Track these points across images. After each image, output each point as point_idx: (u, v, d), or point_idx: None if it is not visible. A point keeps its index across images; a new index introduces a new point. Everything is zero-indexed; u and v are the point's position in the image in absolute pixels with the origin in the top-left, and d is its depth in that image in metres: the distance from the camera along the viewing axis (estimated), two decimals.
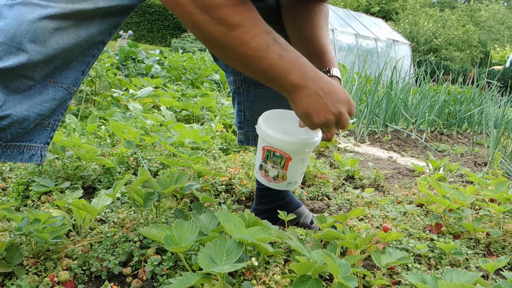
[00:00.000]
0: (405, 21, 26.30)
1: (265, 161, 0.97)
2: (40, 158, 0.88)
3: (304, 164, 0.99)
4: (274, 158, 0.95)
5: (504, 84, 7.08)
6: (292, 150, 0.92)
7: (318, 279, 0.76)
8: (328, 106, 0.83)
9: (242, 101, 1.23)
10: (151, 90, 3.23)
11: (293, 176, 0.98)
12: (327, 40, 1.07)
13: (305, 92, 0.82)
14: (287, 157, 0.93)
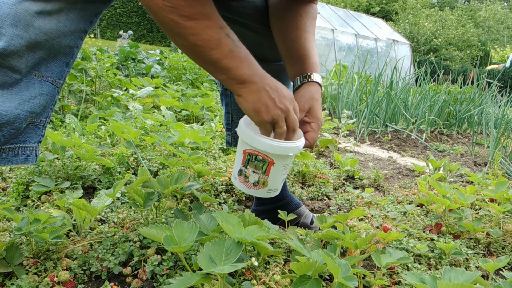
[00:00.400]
0: (405, 21, 26.30)
1: (246, 165, 0.92)
2: (35, 158, 0.88)
3: (286, 170, 0.95)
4: (256, 162, 0.90)
5: (504, 84, 7.08)
6: (276, 153, 0.88)
7: (318, 279, 0.77)
8: (276, 101, 0.84)
9: (230, 103, 1.23)
10: (151, 90, 3.23)
11: (274, 182, 0.94)
12: (311, 44, 1.04)
13: (254, 87, 0.83)
14: (269, 161, 0.89)
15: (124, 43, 7.33)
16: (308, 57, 1.02)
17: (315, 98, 0.97)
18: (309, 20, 1.07)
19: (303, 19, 1.05)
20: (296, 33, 1.04)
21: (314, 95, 0.97)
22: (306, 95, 0.97)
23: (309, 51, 1.03)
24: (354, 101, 3.63)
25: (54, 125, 2.37)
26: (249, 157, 0.91)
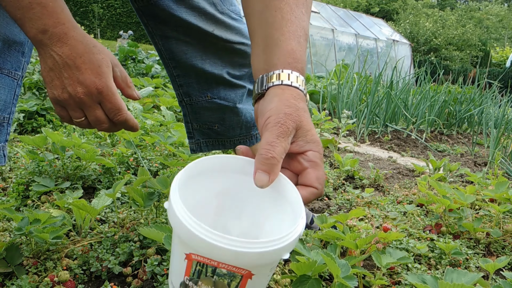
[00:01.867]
0: (405, 21, 26.31)
1: (194, 279, 0.53)
2: (3, 158, 0.83)
3: (273, 271, 0.58)
4: (216, 277, 0.51)
5: (504, 84, 7.09)
6: (259, 264, 0.50)
7: (318, 279, 0.76)
8: (64, 80, 0.66)
9: (187, 113, 1.16)
10: (151, 90, 3.23)
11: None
12: (287, 21, 0.65)
13: (46, 51, 0.65)
14: (244, 274, 0.51)
15: (124, 43, 7.33)
16: (277, 43, 0.63)
17: (299, 107, 0.59)
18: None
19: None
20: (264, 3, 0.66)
21: (296, 103, 0.59)
22: (280, 107, 0.58)
23: (280, 30, 0.64)
24: (354, 101, 3.63)
25: (54, 125, 2.38)
26: (200, 268, 0.52)
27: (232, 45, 1.06)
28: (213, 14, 1.01)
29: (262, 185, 0.55)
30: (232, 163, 0.61)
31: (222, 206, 0.64)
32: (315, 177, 0.59)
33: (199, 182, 0.61)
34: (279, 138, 0.56)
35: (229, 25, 1.05)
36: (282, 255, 0.51)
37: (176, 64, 1.07)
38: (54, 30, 0.64)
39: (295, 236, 0.53)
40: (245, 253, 0.47)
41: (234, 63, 1.09)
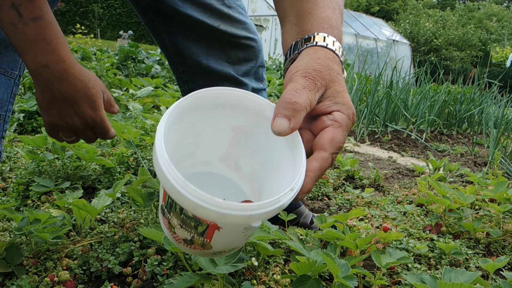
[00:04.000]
0: (405, 21, 26.31)
1: (168, 208, 0.53)
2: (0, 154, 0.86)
3: (255, 229, 0.54)
4: (183, 216, 0.50)
5: (504, 84, 7.08)
6: (220, 221, 0.48)
7: (318, 279, 0.77)
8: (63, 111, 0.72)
9: None
10: (151, 90, 3.23)
11: (227, 245, 0.55)
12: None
13: (44, 84, 0.69)
14: (210, 224, 0.49)
15: (124, 43, 7.33)
16: (310, 12, 0.62)
17: (331, 67, 0.55)
18: None
19: None
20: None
21: (329, 63, 0.55)
22: (310, 63, 0.54)
23: (314, 1, 0.62)
24: (354, 101, 3.63)
25: None
26: (171, 202, 0.51)
27: (238, 40, 1.07)
28: (220, 8, 1.02)
29: (281, 132, 0.50)
30: (252, 101, 0.57)
31: (237, 141, 0.61)
32: (330, 138, 0.52)
33: (209, 113, 0.58)
34: (305, 89, 0.51)
35: (235, 19, 1.06)
36: (250, 222, 0.47)
37: (182, 60, 1.09)
38: (55, 66, 0.67)
39: (268, 208, 0.47)
40: (204, 208, 0.45)
41: (239, 59, 1.10)
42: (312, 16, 0.61)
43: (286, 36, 0.64)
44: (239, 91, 0.56)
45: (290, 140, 0.54)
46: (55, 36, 0.67)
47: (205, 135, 0.60)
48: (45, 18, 0.66)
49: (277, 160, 0.58)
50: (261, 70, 1.16)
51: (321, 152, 0.52)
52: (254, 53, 1.11)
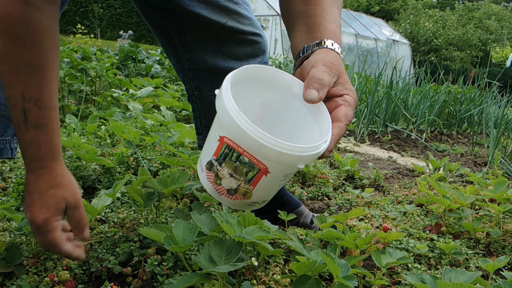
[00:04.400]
0: (406, 21, 26.31)
1: (220, 161, 0.60)
2: (11, 151, 0.87)
3: (286, 180, 0.65)
4: (238, 163, 0.58)
5: (504, 84, 7.08)
6: (276, 161, 0.57)
7: (318, 279, 0.77)
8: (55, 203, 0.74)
9: (197, 108, 1.19)
10: (151, 90, 3.23)
11: (264, 195, 0.65)
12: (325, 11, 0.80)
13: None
14: (262, 168, 0.58)
15: (124, 43, 7.34)
16: (320, 24, 0.78)
17: (340, 64, 0.73)
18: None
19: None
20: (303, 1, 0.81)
21: (338, 61, 0.72)
22: (326, 58, 0.71)
23: (322, 16, 0.79)
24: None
25: None
26: (228, 152, 0.59)
27: (245, 36, 1.08)
28: (226, 5, 1.04)
29: (312, 99, 0.63)
30: (282, 78, 0.67)
31: (263, 115, 0.71)
32: (344, 113, 0.67)
33: (249, 87, 0.67)
34: (326, 73, 0.66)
35: (242, 15, 1.07)
36: (298, 163, 0.57)
37: (190, 57, 1.10)
38: (39, 171, 0.73)
39: (312, 152, 0.58)
40: (268, 148, 0.54)
41: (247, 55, 1.11)
42: (322, 27, 0.77)
43: (296, 40, 0.79)
44: (273, 69, 0.67)
45: (315, 111, 0.66)
46: (48, 144, 0.73)
47: (240, 108, 0.64)
48: (47, 127, 0.72)
49: (302, 129, 0.68)
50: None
51: (339, 122, 0.66)
52: (261, 49, 1.13)
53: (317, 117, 0.66)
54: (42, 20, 0.68)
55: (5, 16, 0.65)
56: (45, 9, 0.69)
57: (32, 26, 0.67)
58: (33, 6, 0.67)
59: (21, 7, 0.66)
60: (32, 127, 0.70)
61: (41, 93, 0.70)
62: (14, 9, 0.65)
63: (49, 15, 0.70)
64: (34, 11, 0.67)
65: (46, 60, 0.70)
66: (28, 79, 0.68)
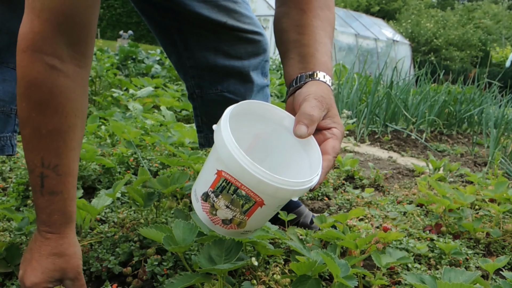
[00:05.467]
0: (407, 21, 26.31)
1: (217, 193, 0.63)
2: (11, 148, 0.87)
3: (278, 209, 0.68)
4: (235, 196, 0.62)
5: (504, 84, 7.09)
6: (272, 195, 0.60)
7: (318, 279, 0.77)
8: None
9: (197, 106, 1.19)
10: (151, 90, 3.23)
11: (257, 224, 0.68)
12: (318, 42, 0.82)
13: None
14: (258, 201, 0.61)
15: (124, 43, 7.33)
16: (313, 55, 0.80)
17: (331, 97, 0.75)
18: (314, 15, 0.84)
19: (306, 13, 0.84)
20: (297, 30, 0.83)
21: (329, 94, 0.75)
22: (318, 91, 0.73)
23: (315, 47, 0.81)
24: (354, 101, 3.63)
25: None
26: (225, 185, 0.62)
27: (246, 34, 1.08)
28: (226, 4, 1.04)
29: (301, 135, 0.66)
30: (274, 113, 0.71)
31: (255, 146, 0.74)
32: (332, 146, 0.70)
33: (242, 121, 0.69)
34: (317, 107, 0.69)
35: (242, 13, 1.08)
36: (292, 196, 0.61)
37: (190, 55, 1.10)
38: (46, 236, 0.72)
39: (306, 186, 0.61)
40: (266, 184, 0.58)
41: (248, 53, 1.11)
42: (315, 58, 0.79)
43: (289, 69, 0.81)
44: (264, 104, 0.71)
45: (305, 144, 0.69)
46: (61, 211, 0.71)
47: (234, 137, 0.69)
48: (62, 194, 0.71)
49: (292, 159, 0.71)
50: (267, 65, 1.18)
51: (327, 155, 0.69)
52: (262, 47, 1.13)
53: (307, 150, 0.69)
54: (67, 85, 0.67)
55: (30, 81, 0.64)
56: (72, 73, 0.68)
57: (56, 92, 0.66)
58: (59, 71, 0.66)
59: (47, 72, 0.65)
60: (48, 193, 0.69)
61: (60, 159, 0.69)
62: (40, 74, 0.64)
63: (76, 79, 0.69)
64: (60, 75, 0.66)
65: (67, 126, 0.69)
66: (48, 145, 0.67)
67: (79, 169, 1.50)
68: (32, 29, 0.64)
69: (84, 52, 0.69)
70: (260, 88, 1.16)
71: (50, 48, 0.64)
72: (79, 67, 0.69)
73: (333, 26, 0.88)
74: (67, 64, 0.67)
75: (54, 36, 0.64)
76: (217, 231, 0.68)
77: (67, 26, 0.65)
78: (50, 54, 0.65)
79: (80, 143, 0.73)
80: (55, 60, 0.65)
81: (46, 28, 0.64)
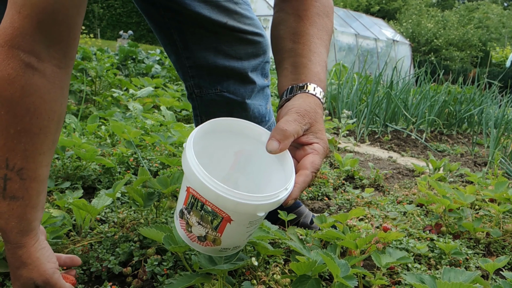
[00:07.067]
0: (408, 21, 26.31)
1: (189, 210, 0.64)
2: None
3: (256, 226, 0.67)
4: (203, 212, 0.62)
5: (504, 84, 7.09)
6: (234, 210, 0.60)
7: (318, 279, 0.77)
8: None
9: (197, 106, 1.18)
10: (151, 90, 3.23)
11: (233, 241, 0.67)
12: (312, 52, 0.80)
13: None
14: (224, 216, 0.61)
15: (124, 43, 7.34)
16: (305, 65, 0.79)
17: (317, 111, 0.73)
18: (311, 23, 0.84)
19: (302, 21, 0.84)
20: (292, 39, 0.82)
21: (316, 108, 0.73)
22: (302, 104, 0.72)
23: (308, 57, 0.80)
24: (354, 101, 3.63)
25: None
26: (193, 201, 0.63)
27: (246, 35, 1.08)
28: (226, 5, 1.04)
29: (271, 150, 0.65)
30: (252, 130, 0.71)
31: (237, 164, 0.74)
32: (310, 161, 0.68)
33: (222, 138, 0.71)
34: (295, 121, 0.68)
35: (243, 14, 1.07)
36: (256, 211, 0.60)
37: (190, 55, 1.10)
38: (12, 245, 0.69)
39: (270, 200, 0.61)
40: (225, 198, 0.58)
41: (248, 54, 1.11)
42: (307, 69, 0.78)
43: (282, 80, 0.81)
44: (242, 121, 0.71)
45: (282, 159, 0.69)
46: (19, 218, 0.67)
47: (215, 157, 0.72)
48: (23, 200, 0.67)
49: (271, 177, 0.71)
50: (267, 66, 1.18)
51: (304, 170, 0.67)
52: (262, 48, 1.13)
53: (283, 165, 0.69)
54: (43, 85, 0.64)
55: (2, 77, 0.62)
56: (50, 73, 0.65)
57: (30, 91, 0.63)
58: (35, 69, 0.63)
59: (21, 69, 0.62)
60: (9, 197, 0.66)
61: (26, 162, 0.65)
62: (14, 70, 0.62)
63: (54, 80, 0.66)
64: (35, 74, 0.63)
65: (39, 128, 0.65)
66: (15, 146, 0.64)
67: (79, 169, 1.50)
68: (12, 24, 0.61)
69: (66, 53, 0.67)
70: (260, 88, 1.16)
71: (28, 45, 0.62)
72: (59, 68, 0.66)
73: (330, 34, 0.87)
74: (45, 63, 0.64)
75: (33, 34, 0.62)
76: (196, 248, 0.68)
77: (48, 24, 0.63)
78: (28, 51, 0.62)
79: (52, 147, 0.69)
80: (31, 58, 0.63)
81: (26, 24, 0.61)
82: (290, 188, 0.63)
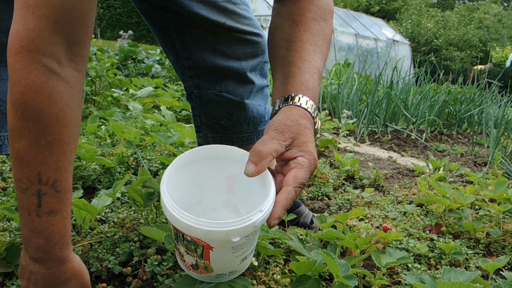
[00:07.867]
0: (407, 21, 26.31)
1: (176, 240, 0.65)
2: (6, 147, 0.86)
3: (244, 249, 0.65)
4: (186, 242, 0.62)
5: (504, 84, 7.09)
6: (206, 238, 0.59)
7: (318, 279, 0.77)
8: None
9: (196, 106, 1.17)
10: (151, 90, 3.23)
11: (226, 267, 0.67)
12: (302, 59, 0.77)
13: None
14: (204, 244, 0.61)
15: (124, 43, 7.33)
16: (293, 75, 0.75)
17: (300, 123, 0.69)
18: (305, 28, 0.80)
19: (297, 26, 0.80)
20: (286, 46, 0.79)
21: (299, 119, 0.69)
22: (283, 119, 0.69)
23: (298, 66, 0.76)
24: (354, 101, 3.63)
25: None
26: (176, 232, 0.63)
27: (244, 35, 1.08)
28: (224, 6, 1.04)
29: (248, 174, 0.63)
30: (235, 153, 0.70)
31: (231, 188, 0.74)
32: (293, 176, 0.65)
33: (211, 166, 0.71)
34: (273, 140, 0.65)
35: (241, 14, 1.07)
36: (229, 237, 0.58)
37: (188, 55, 1.09)
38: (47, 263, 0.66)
39: (242, 224, 0.58)
40: (194, 228, 0.58)
41: (247, 54, 1.10)
42: (294, 79, 0.74)
43: (274, 92, 0.78)
44: (222, 146, 0.70)
45: (265, 179, 0.67)
46: (61, 232, 0.64)
47: (207, 185, 0.72)
48: (61, 213, 0.64)
49: (259, 195, 0.69)
50: (266, 66, 1.18)
51: (286, 187, 0.64)
52: (261, 49, 1.13)
53: (267, 185, 0.67)
54: (66, 91, 0.61)
55: (26, 85, 0.57)
56: (70, 78, 0.62)
57: (57, 98, 0.60)
58: (57, 75, 0.60)
59: (46, 75, 0.58)
60: (46, 213, 0.62)
61: (60, 173, 0.62)
62: (38, 77, 0.58)
63: (75, 85, 0.63)
64: (58, 80, 0.60)
65: (68, 136, 0.62)
66: (47, 158, 0.60)
67: (79, 169, 1.50)
68: (26, 27, 0.57)
69: (82, 55, 0.64)
70: (259, 88, 1.16)
71: (48, 49, 0.58)
72: (78, 71, 0.63)
73: (327, 39, 0.83)
74: (65, 67, 0.61)
75: (52, 35, 0.58)
76: (193, 276, 0.69)
77: (65, 23, 0.59)
78: (49, 55, 0.58)
79: (74, 156, 0.66)
80: (53, 63, 0.59)
81: (42, 25, 0.57)
82: (266, 210, 0.60)
